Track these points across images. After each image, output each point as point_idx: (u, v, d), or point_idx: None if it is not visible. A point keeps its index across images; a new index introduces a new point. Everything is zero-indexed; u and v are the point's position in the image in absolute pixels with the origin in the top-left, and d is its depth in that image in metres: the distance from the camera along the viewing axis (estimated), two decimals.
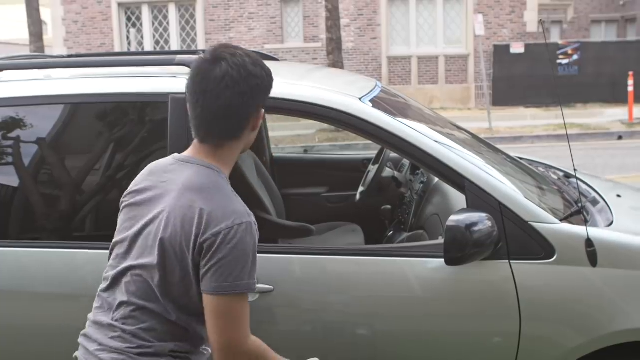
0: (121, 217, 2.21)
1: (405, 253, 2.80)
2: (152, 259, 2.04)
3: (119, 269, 2.13)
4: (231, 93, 2.03)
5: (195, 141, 2.15)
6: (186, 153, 2.18)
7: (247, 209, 2.06)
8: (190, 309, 2.07)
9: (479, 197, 2.67)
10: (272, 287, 2.63)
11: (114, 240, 2.21)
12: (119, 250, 2.16)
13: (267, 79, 2.12)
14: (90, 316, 2.22)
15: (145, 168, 2.25)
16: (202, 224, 1.98)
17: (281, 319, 2.73)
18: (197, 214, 1.99)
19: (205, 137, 2.11)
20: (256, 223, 2.04)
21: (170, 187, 2.09)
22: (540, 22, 3.84)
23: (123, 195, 2.24)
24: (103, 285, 2.19)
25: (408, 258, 2.74)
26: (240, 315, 1.99)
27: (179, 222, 2.00)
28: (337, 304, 2.72)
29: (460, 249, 2.49)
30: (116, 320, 2.10)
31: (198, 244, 1.98)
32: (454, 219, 2.53)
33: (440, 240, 2.64)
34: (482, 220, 2.53)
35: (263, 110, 2.18)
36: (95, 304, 2.21)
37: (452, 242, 2.49)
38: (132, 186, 2.22)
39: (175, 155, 2.21)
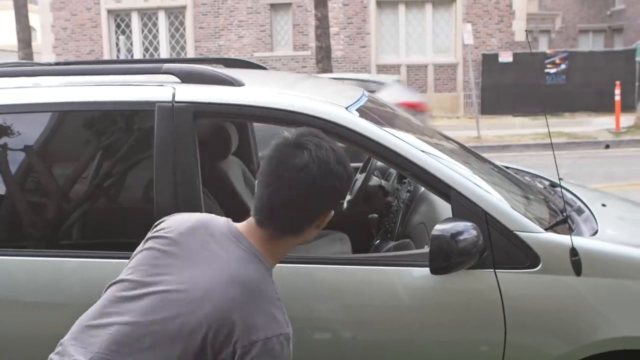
0: (144, 254, 2.05)
1: (391, 262, 2.80)
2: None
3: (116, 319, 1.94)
4: (306, 188, 1.91)
5: (252, 219, 2.00)
6: (240, 227, 2.02)
7: (286, 317, 1.91)
8: None
9: (464, 206, 2.68)
10: None
11: (124, 277, 2.04)
12: (124, 291, 1.98)
13: (346, 182, 1.99)
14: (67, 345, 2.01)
15: (196, 218, 2.10)
16: (238, 326, 1.81)
17: None
18: (237, 312, 1.82)
19: (265, 222, 1.97)
20: (293, 334, 1.89)
21: (212, 261, 1.92)
22: (527, 32, 3.87)
23: (156, 227, 2.13)
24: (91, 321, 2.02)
25: (394, 267, 2.74)
26: None
27: (211, 311, 1.83)
28: (325, 312, 2.73)
29: (445, 258, 2.50)
30: None
31: (232, 345, 1.81)
32: (439, 228, 2.53)
33: (426, 249, 2.65)
34: (467, 230, 2.54)
35: (332, 212, 2.04)
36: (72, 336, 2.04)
37: (437, 251, 2.50)
38: (173, 226, 2.07)
39: (230, 222, 2.05)
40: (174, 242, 2.00)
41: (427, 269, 2.56)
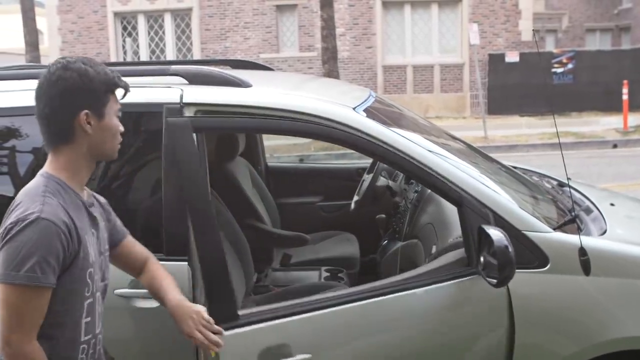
0: None
1: (421, 283, 2.71)
2: None
3: None
4: (44, 101, 2.10)
5: None
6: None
7: (45, 205, 2.02)
8: None
9: (473, 207, 2.68)
10: (309, 354, 2.52)
11: None
12: None
13: (77, 80, 2.08)
14: None
15: None
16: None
17: None
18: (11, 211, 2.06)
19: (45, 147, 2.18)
20: (51, 221, 1.98)
21: None
22: (534, 32, 3.86)
23: None
24: None
25: (426, 287, 2.68)
26: (18, 310, 1.94)
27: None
28: (383, 347, 2.67)
29: (511, 268, 2.44)
30: None
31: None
32: (498, 239, 2.46)
33: (444, 261, 2.66)
34: (506, 236, 2.51)
35: (87, 112, 2.11)
36: None
37: (505, 263, 2.42)
38: None
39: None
40: None
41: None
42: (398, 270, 3.57)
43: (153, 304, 2.74)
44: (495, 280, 2.47)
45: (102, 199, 2.40)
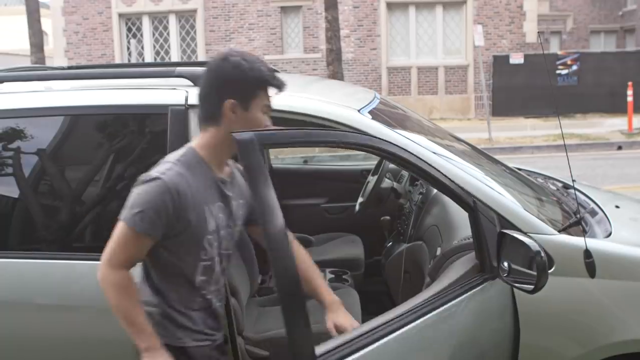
0: None
1: (446, 299, 2.61)
2: None
3: None
4: (202, 84, 2.38)
5: None
6: None
7: (170, 170, 2.30)
8: None
9: (480, 210, 2.67)
10: None
11: None
12: None
13: (230, 71, 2.32)
14: None
15: None
16: None
17: None
18: None
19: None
20: (166, 184, 2.26)
21: None
22: (539, 33, 3.86)
23: None
24: None
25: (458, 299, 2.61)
26: (119, 243, 2.28)
27: None
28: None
29: (546, 273, 2.42)
30: None
31: None
32: (533, 245, 2.43)
33: (461, 270, 2.65)
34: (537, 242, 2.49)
35: (233, 101, 2.32)
36: None
37: (543, 269, 2.39)
38: None
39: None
40: None
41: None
42: (402, 272, 3.57)
43: None
44: (531, 287, 2.42)
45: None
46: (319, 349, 2.19)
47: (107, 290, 2.30)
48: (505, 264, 2.53)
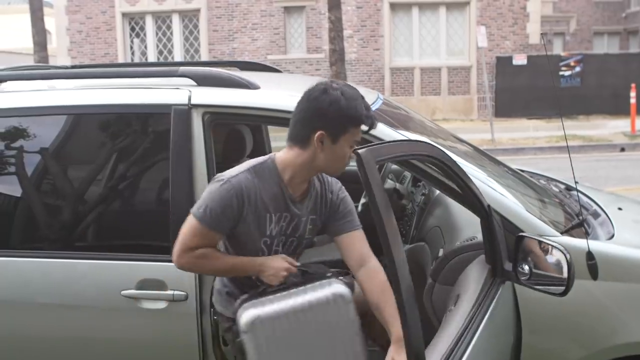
0: None
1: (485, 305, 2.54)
2: None
3: None
4: (299, 107, 2.50)
5: None
6: None
7: (241, 174, 2.49)
8: None
9: (491, 212, 2.66)
10: None
11: None
12: None
13: (327, 106, 2.41)
14: None
15: None
16: None
17: None
18: None
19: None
20: (234, 187, 2.46)
21: None
22: (542, 35, 3.85)
23: None
24: None
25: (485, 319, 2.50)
26: (186, 233, 2.50)
27: None
28: None
29: (573, 276, 2.41)
30: None
31: None
32: (563, 247, 2.43)
33: (479, 279, 2.62)
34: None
35: (323, 133, 2.44)
36: None
37: (572, 272, 2.39)
38: None
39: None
40: None
41: None
42: None
43: (159, 305, 2.75)
44: (561, 289, 2.41)
45: (332, 199, 2.73)
46: None
47: (193, 269, 2.63)
48: (525, 267, 2.52)
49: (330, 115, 2.41)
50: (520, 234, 2.59)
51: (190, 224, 2.49)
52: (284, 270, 2.53)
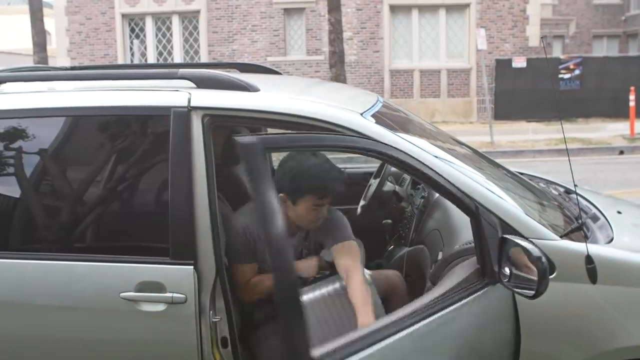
0: None
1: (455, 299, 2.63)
2: None
3: None
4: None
5: None
6: None
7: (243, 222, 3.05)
8: None
9: (482, 215, 2.66)
10: None
11: None
12: None
13: (287, 173, 3.06)
14: None
15: None
16: None
17: None
18: None
19: None
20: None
21: None
22: (542, 38, 3.85)
23: None
24: None
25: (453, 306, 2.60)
26: (236, 275, 3.11)
27: None
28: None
29: (547, 279, 2.41)
30: None
31: None
32: (534, 251, 2.43)
33: (463, 275, 2.65)
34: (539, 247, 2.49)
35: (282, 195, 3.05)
36: None
37: (544, 275, 2.40)
38: None
39: None
40: None
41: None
42: (404, 276, 3.57)
43: (158, 307, 2.75)
44: (532, 292, 2.42)
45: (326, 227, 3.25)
46: (317, 352, 2.19)
47: (255, 296, 3.17)
48: (507, 269, 2.53)
49: (292, 181, 3.00)
50: (503, 235, 2.58)
51: (237, 267, 3.11)
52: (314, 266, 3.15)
